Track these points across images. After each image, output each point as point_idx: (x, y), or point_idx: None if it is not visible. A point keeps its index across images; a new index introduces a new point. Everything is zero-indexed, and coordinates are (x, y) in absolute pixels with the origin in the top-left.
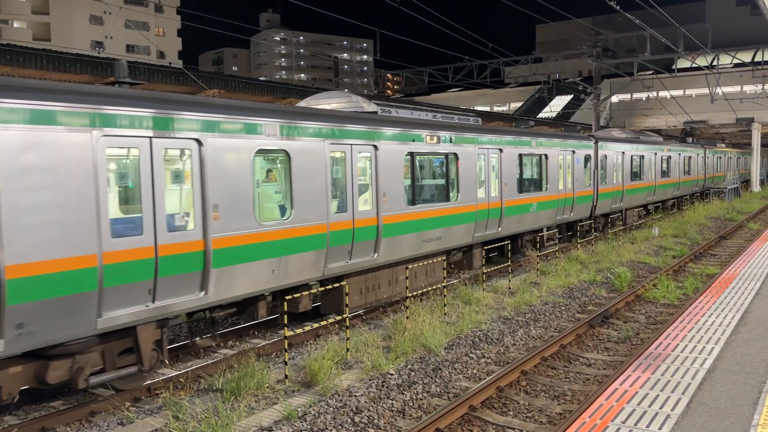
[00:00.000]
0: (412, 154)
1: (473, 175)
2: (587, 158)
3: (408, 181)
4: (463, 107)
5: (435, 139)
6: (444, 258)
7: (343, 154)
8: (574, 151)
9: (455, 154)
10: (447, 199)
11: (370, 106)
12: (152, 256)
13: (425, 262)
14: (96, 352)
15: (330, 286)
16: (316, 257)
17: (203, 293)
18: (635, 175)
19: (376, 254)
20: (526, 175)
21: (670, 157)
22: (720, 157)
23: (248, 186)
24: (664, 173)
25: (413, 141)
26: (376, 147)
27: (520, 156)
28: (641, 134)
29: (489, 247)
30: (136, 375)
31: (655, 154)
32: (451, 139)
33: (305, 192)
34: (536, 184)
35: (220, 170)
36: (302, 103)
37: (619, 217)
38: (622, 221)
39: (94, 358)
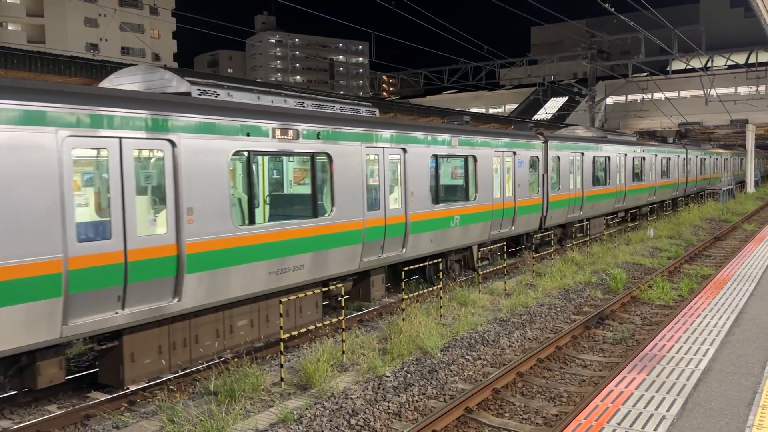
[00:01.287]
0: (242, 153)
1: (359, 183)
2: (534, 161)
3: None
4: (459, 109)
5: (290, 134)
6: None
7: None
8: (515, 152)
9: (327, 155)
10: (314, 214)
11: (181, 85)
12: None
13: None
14: None
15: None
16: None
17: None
18: (599, 180)
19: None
20: (446, 181)
21: (644, 158)
22: (704, 159)
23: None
24: (637, 176)
25: (248, 135)
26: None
27: (436, 158)
28: (610, 133)
29: (408, 268)
30: None
31: (625, 155)
32: (318, 134)
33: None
34: (461, 193)
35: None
36: (105, 83)
37: (582, 227)
38: (584, 232)
39: None
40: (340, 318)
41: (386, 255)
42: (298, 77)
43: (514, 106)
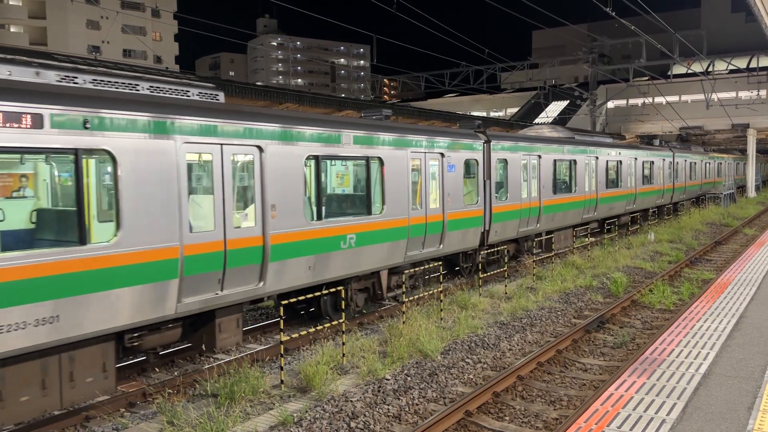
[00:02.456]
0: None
1: (158, 198)
2: (470, 164)
3: None
4: (460, 112)
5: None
6: None
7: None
8: (443, 154)
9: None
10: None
11: None
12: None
13: None
14: None
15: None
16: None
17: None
18: (562, 187)
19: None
20: (336, 190)
21: (620, 162)
22: (694, 163)
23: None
24: (613, 183)
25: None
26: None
27: (317, 161)
28: (580, 133)
29: (286, 302)
30: None
31: (596, 158)
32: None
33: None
34: (359, 206)
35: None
36: None
37: (542, 242)
38: (545, 247)
39: None
40: (341, 321)
41: (228, 291)
42: (299, 80)
43: (515, 110)
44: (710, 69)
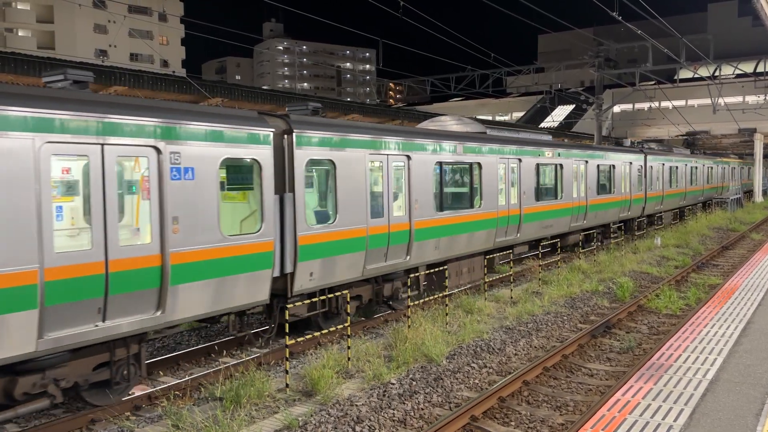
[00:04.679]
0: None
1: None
2: (247, 169)
3: None
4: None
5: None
6: None
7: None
8: (521, 160)
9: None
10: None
11: None
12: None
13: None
14: None
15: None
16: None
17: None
18: (455, 202)
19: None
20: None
21: (560, 166)
22: (676, 168)
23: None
24: (546, 193)
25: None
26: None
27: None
28: (498, 128)
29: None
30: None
31: (519, 161)
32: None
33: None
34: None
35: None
36: None
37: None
38: (423, 291)
39: None
40: (346, 325)
41: None
42: (305, 84)
43: (521, 114)
44: (717, 73)
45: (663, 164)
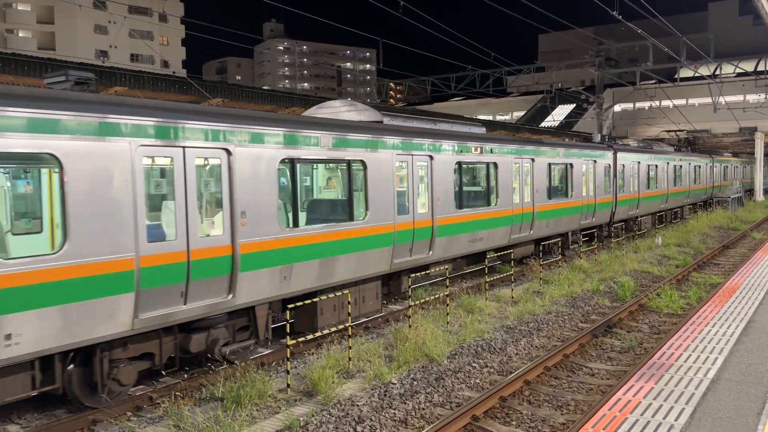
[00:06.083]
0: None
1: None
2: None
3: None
4: (467, 116)
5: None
6: None
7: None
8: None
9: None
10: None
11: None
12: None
13: None
14: None
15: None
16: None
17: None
18: (324, 212)
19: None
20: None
21: (495, 164)
22: (655, 166)
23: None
24: (471, 198)
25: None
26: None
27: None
28: (397, 115)
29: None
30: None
31: (430, 158)
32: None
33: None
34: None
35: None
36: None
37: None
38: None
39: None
40: (347, 324)
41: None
42: (305, 84)
43: (521, 113)
44: (717, 72)
45: (638, 163)
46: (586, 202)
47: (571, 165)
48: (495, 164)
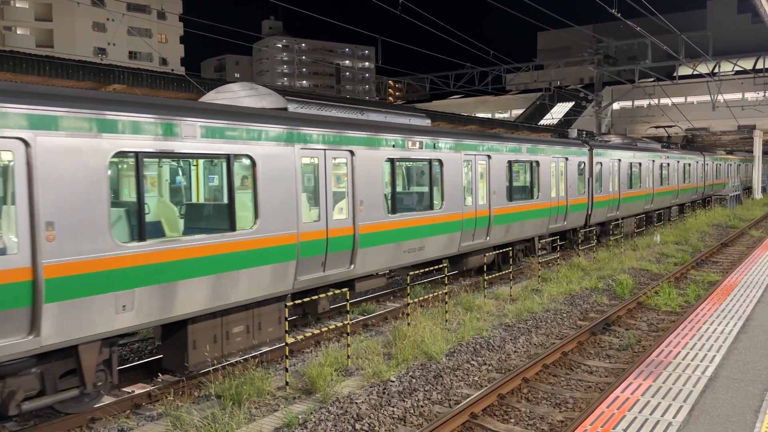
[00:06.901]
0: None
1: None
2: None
3: None
4: (464, 114)
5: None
6: None
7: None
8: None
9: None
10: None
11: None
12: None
13: None
14: None
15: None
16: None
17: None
18: (211, 218)
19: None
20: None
21: (440, 162)
22: (638, 164)
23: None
24: (409, 201)
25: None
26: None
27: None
28: (306, 102)
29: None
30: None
31: (351, 153)
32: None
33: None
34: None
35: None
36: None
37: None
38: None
39: None
40: (346, 322)
41: None
42: (304, 82)
43: (520, 111)
44: (716, 70)
45: (619, 161)
46: (555, 204)
47: (538, 163)
48: (439, 161)
